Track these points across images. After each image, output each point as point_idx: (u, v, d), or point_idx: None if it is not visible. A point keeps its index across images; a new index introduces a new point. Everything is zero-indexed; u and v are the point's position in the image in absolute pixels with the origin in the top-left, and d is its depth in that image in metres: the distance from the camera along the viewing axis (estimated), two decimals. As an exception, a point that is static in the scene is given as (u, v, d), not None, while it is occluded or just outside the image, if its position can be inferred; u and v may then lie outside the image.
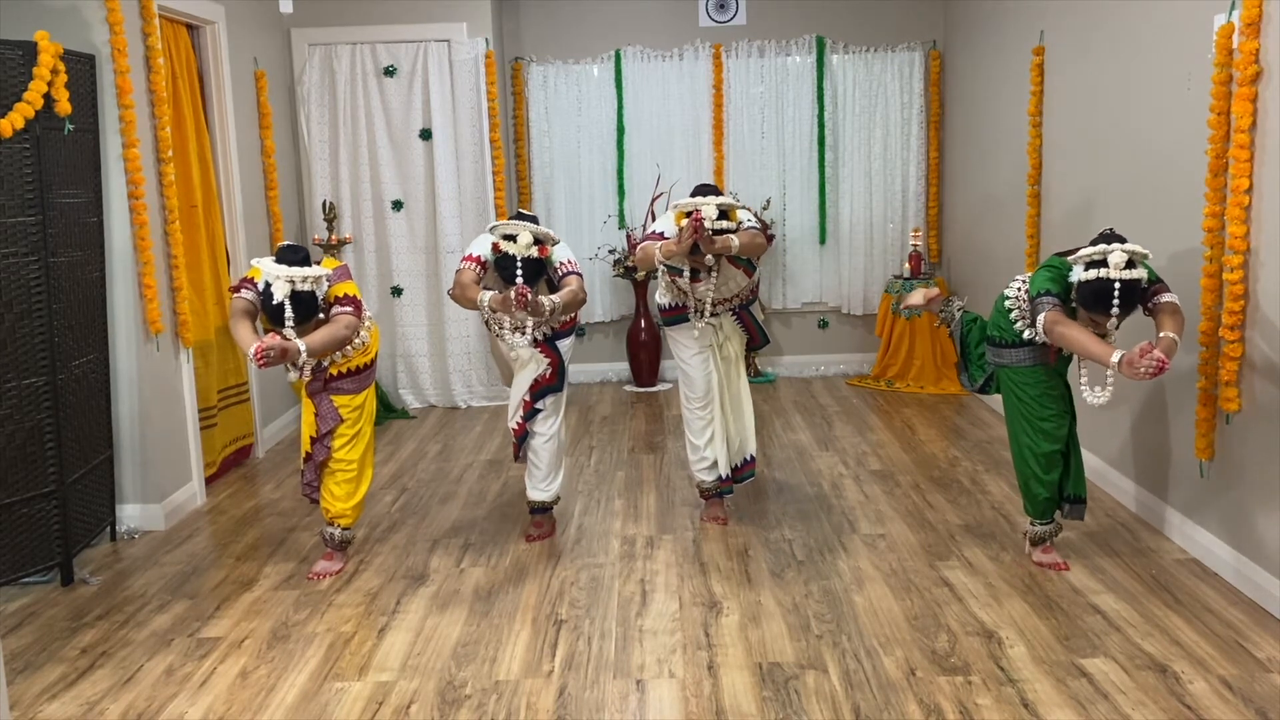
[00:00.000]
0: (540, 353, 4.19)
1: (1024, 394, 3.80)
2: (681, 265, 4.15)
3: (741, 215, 4.13)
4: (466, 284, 4.07)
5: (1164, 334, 3.36)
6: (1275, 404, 3.41)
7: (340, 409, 3.93)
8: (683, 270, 4.18)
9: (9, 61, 3.78)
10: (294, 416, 6.23)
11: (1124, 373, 3.24)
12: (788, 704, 2.99)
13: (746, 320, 4.46)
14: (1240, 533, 3.64)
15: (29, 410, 3.89)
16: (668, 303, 4.31)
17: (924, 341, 6.94)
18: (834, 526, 4.40)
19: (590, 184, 7.33)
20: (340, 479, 4.01)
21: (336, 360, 3.91)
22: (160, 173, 4.67)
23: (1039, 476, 3.82)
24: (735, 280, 4.26)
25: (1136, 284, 3.41)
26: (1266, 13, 3.39)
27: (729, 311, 4.36)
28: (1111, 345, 3.40)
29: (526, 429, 4.29)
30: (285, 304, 3.66)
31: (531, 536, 4.38)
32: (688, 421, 4.47)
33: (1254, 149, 3.47)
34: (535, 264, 3.97)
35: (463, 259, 4.14)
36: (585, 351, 7.53)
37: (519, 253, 3.92)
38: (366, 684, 3.20)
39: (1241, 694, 2.96)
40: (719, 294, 4.24)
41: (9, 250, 3.80)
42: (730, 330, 4.43)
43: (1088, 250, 3.45)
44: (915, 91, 7.23)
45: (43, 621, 3.72)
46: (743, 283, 4.30)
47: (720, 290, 4.23)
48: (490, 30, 6.59)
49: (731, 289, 4.28)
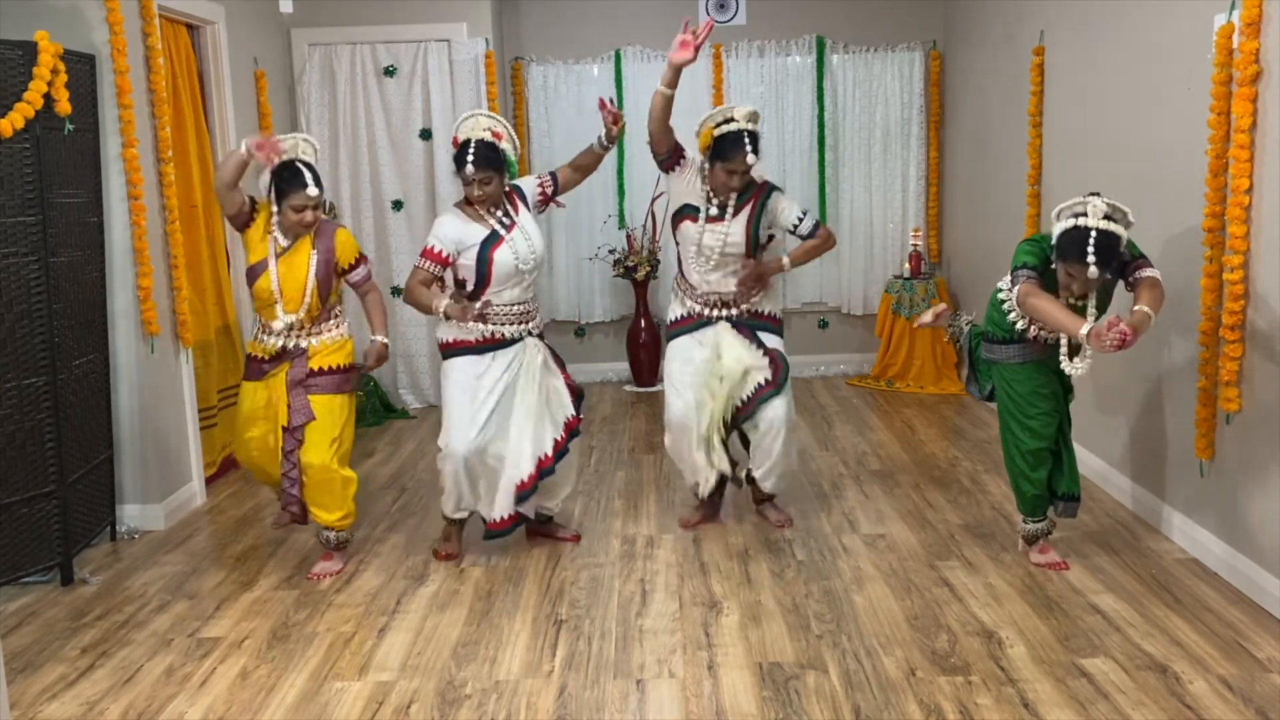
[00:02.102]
0: (562, 380, 4.14)
1: (1014, 391, 3.80)
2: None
3: (793, 211, 4.09)
4: (414, 287, 3.86)
5: (1137, 308, 3.38)
6: (1275, 404, 3.41)
7: (315, 407, 3.86)
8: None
9: (9, 61, 3.78)
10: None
11: (1092, 345, 3.28)
12: (788, 704, 2.99)
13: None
14: (1241, 533, 3.64)
15: (29, 410, 3.89)
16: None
17: (924, 342, 6.94)
18: (834, 526, 4.41)
19: (590, 184, 7.23)
20: (322, 491, 3.90)
21: (317, 349, 3.90)
22: (160, 173, 4.67)
23: (1026, 474, 3.82)
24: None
25: (1114, 238, 3.37)
26: (1266, 13, 3.39)
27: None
28: (1084, 319, 3.41)
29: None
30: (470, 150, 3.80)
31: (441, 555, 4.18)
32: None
33: (1254, 149, 3.47)
34: (487, 148, 3.81)
35: (421, 253, 3.91)
36: (585, 351, 7.54)
37: (472, 136, 3.80)
38: (366, 684, 3.20)
39: (1241, 694, 2.96)
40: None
41: (9, 250, 3.80)
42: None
43: (1069, 202, 3.47)
44: (915, 91, 7.23)
45: (43, 621, 3.72)
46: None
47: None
48: (490, 30, 6.59)
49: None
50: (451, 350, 4.01)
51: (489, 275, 3.89)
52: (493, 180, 3.84)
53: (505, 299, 3.94)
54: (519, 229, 3.94)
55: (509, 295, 3.95)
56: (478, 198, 3.85)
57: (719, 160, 3.97)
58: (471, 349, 3.97)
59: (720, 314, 4.20)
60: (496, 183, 3.86)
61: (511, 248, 3.89)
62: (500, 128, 3.91)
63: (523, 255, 3.91)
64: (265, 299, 3.83)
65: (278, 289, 3.80)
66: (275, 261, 3.80)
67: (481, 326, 3.89)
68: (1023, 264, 3.59)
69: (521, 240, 3.92)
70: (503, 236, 3.89)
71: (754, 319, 4.22)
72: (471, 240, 3.88)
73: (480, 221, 3.91)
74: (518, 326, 3.99)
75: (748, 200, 4.10)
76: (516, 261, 3.90)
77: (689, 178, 4.12)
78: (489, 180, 3.83)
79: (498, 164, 3.85)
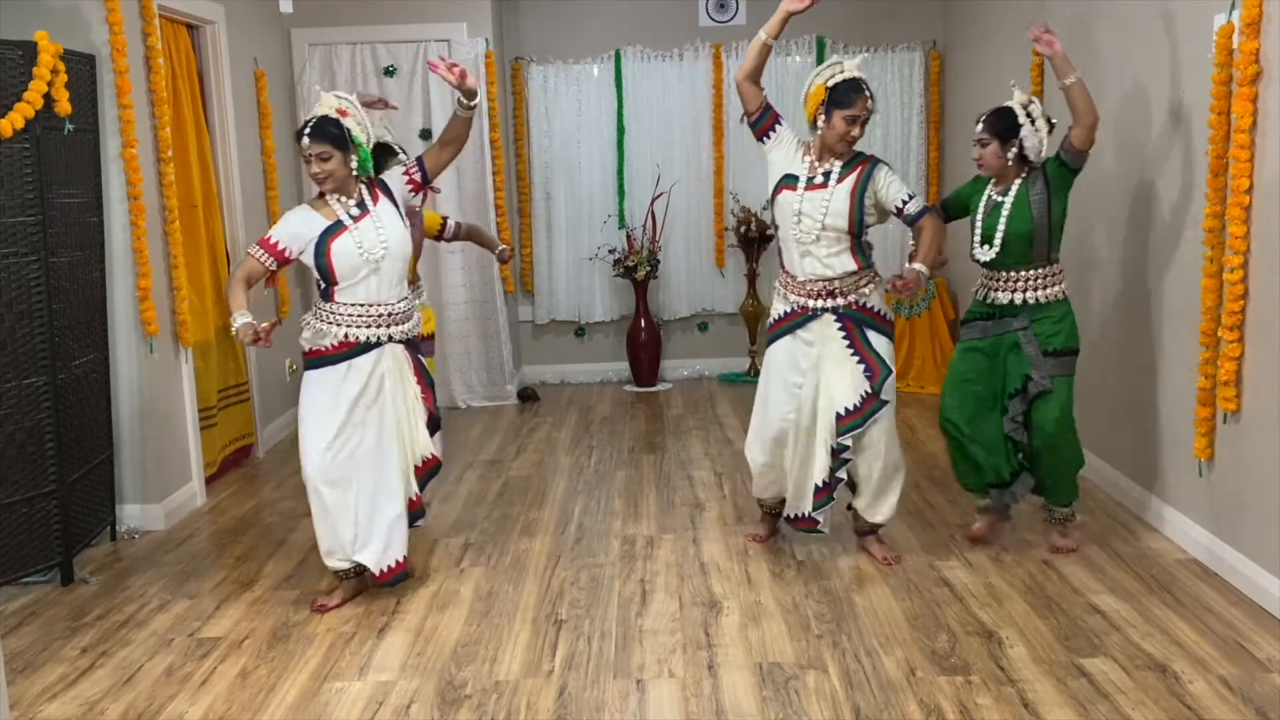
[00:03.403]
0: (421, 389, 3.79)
1: (951, 367, 4.06)
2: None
3: (900, 190, 3.82)
4: (236, 280, 3.56)
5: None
6: (1275, 404, 3.41)
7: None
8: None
9: (9, 61, 3.78)
10: (294, 416, 6.22)
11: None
12: (788, 704, 2.99)
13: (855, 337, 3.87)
14: (1240, 533, 3.64)
15: (29, 410, 3.89)
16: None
17: (924, 341, 6.93)
18: (834, 526, 4.40)
19: (590, 184, 7.33)
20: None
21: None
22: (160, 173, 4.67)
23: (950, 445, 4.07)
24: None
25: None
26: (1266, 13, 3.39)
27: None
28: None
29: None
30: None
31: (324, 608, 3.75)
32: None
33: (1254, 149, 3.47)
34: (328, 123, 3.52)
35: (257, 241, 3.62)
36: (585, 351, 7.54)
37: (318, 112, 3.55)
38: (366, 684, 3.20)
39: (1241, 694, 2.96)
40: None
41: (9, 250, 3.80)
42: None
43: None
44: (915, 91, 7.23)
45: (43, 621, 3.72)
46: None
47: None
48: (490, 30, 6.59)
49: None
50: (308, 360, 3.66)
51: (330, 269, 3.56)
52: (332, 157, 3.51)
53: (359, 296, 3.59)
54: (370, 218, 3.59)
55: (363, 293, 3.59)
56: (315, 175, 3.55)
57: (837, 108, 3.73)
58: (328, 358, 3.62)
59: (825, 304, 3.83)
60: (337, 161, 3.52)
61: (355, 237, 3.55)
62: (350, 107, 3.59)
63: (369, 246, 3.55)
64: None
65: None
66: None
67: (336, 330, 3.59)
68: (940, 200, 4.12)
69: (371, 230, 3.57)
70: (346, 226, 3.56)
71: (861, 312, 3.85)
72: (311, 233, 3.57)
73: (327, 213, 3.61)
74: (374, 330, 3.62)
75: (852, 169, 3.83)
76: (361, 252, 3.54)
77: (787, 144, 3.90)
78: (327, 156, 3.51)
79: (338, 140, 3.51)
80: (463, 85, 3.57)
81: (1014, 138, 3.76)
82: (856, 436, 3.87)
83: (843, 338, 3.85)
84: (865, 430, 3.86)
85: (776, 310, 3.99)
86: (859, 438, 3.88)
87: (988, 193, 3.91)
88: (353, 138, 3.55)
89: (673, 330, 7.52)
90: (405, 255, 3.68)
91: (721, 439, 5.83)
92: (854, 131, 3.78)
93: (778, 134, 3.92)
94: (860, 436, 3.88)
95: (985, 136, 3.81)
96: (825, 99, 3.78)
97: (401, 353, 3.72)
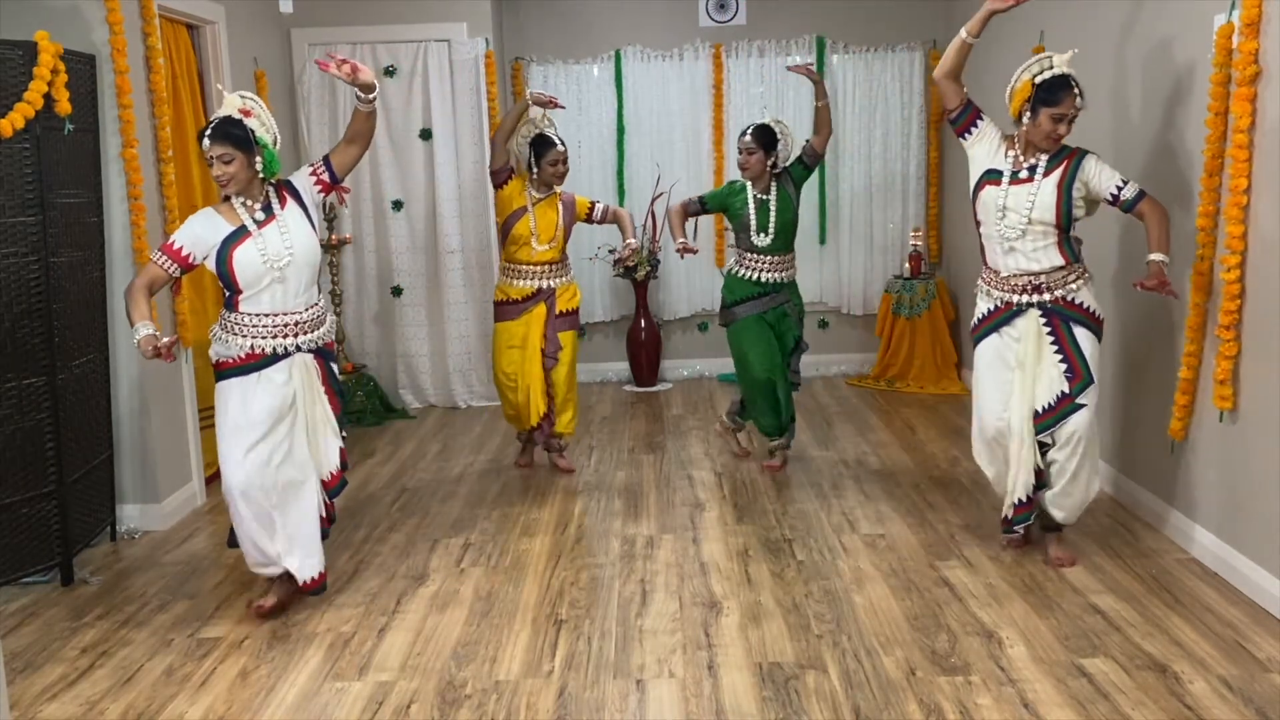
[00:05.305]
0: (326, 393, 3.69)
1: (745, 335, 5.01)
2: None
3: (1112, 178, 3.69)
4: (136, 287, 3.42)
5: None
6: (1273, 402, 3.41)
7: (562, 339, 5.10)
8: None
9: (9, 61, 3.78)
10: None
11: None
12: (788, 704, 2.99)
13: (1060, 335, 3.76)
14: (1240, 532, 3.64)
15: (29, 410, 3.89)
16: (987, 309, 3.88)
17: (924, 341, 6.94)
18: (834, 526, 4.41)
19: (590, 184, 7.32)
20: (567, 401, 5.20)
21: (560, 290, 5.09)
22: (160, 173, 4.68)
23: (761, 395, 5.04)
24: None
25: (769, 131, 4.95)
26: (1266, 13, 3.39)
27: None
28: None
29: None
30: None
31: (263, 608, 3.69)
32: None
33: (1252, 149, 3.47)
34: (230, 123, 3.40)
35: (159, 247, 3.50)
36: (585, 351, 7.52)
37: (221, 113, 3.44)
38: (366, 684, 3.20)
39: (1241, 694, 2.96)
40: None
41: (9, 250, 3.80)
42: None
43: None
44: (915, 91, 7.24)
45: (43, 621, 3.72)
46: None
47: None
48: (490, 30, 6.59)
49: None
50: (218, 372, 3.57)
51: (233, 277, 3.45)
52: (234, 159, 3.39)
53: (263, 306, 3.49)
54: (275, 224, 3.48)
55: (267, 301, 3.49)
56: (218, 178, 3.43)
57: (1044, 106, 3.61)
58: (238, 369, 3.52)
59: (1030, 300, 3.74)
60: (240, 163, 3.40)
61: (259, 244, 3.44)
62: (254, 106, 3.48)
63: (273, 254, 3.44)
64: (522, 240, 4.91)
65: (535, 229, 4.90)
66: (533, 208, 4.91)
67: (241, 341, 3.50)
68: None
69: (275, 236, 3.46)
70: (249, 233, 3.45)
71: (1069, 308, 3.73)
72: (214, 237, 3.46)
73: (231, 218, 3.49)
74: (281, 340, 3.51)
75: (1059, 163, 3.70)
76: (265, 260, 3.43)
77: (989, 139, 3.82)
78: (229, 158, 3.38)
79: (241, 142, 3.39)
80: (355, 80, 3.51)
81: (775, 149, 4.84)
82: (1051, 433, 3.78)
83: (1048, 334, 3.75)
84: (1061, 426, 3.75)
85: (981, 309, 3.91)
86: (1055, 433, 3.77)
87: (751, 193, 4.91)
88: (257, 138, 3.44)
89: (673, 330, 7.52)
90: (312, 262, 3.57)
91: (722, 439, 5.83)
92: (1060, 129, 3.65)
93: (979, 129, 3.85)
94: (1056, 431, 3.77)
95: (754, 146, 4.83)
96: (1032, 95, 3.66)
97: (311, 362, 3.62)
